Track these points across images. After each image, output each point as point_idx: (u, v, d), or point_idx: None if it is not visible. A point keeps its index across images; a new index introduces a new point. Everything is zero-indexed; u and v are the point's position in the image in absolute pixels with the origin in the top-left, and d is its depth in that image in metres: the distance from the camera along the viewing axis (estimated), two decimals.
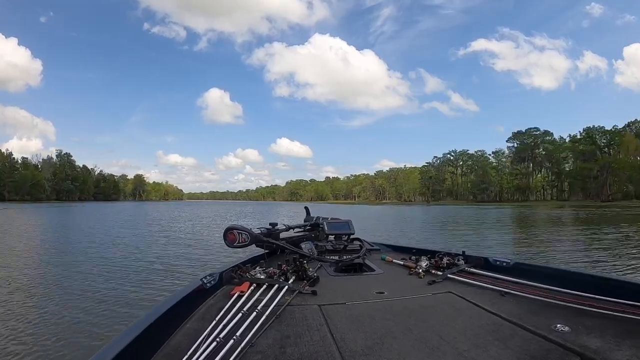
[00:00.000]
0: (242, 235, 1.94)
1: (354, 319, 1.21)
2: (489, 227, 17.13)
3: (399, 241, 4.04)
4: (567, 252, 8.35)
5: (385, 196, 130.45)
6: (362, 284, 1.72)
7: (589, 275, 1.57)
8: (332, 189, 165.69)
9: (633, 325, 1.08)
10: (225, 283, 1.58)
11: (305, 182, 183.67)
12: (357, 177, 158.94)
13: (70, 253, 8.44)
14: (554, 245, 9.68)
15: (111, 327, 3.41)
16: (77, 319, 3.64)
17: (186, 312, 1.25)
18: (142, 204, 74.72)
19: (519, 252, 8.87)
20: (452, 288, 1.56)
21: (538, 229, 15.56)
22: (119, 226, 16.95)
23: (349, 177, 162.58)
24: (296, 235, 2.51)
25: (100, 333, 3.29)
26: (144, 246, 9.54)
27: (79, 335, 3.24)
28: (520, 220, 22.14)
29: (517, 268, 1.75)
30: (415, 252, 2.15)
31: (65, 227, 16.97)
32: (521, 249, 9.56)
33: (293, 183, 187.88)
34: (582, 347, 0.95)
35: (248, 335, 1.03)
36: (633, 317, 1.11)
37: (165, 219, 22.74)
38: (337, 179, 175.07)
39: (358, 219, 9.03)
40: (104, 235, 12.66)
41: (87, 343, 3.06)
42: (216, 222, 19.94)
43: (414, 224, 19.90)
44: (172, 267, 6.59)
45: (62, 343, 3.07)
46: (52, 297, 4.51)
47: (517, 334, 1.07)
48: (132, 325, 1.01)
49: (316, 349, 0.99)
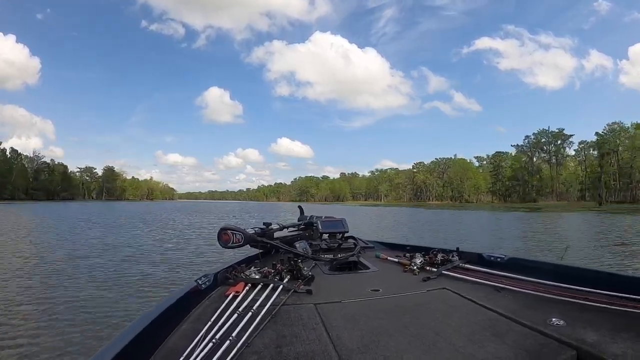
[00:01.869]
0: (236, 235, 1.94)
1: (349, 317, 1.21)
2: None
3: (393, 239, 3.60)
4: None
5: (427, 196, 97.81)
6: (357, 282, 1.72)
7: (584, 269, 1.59)
8: (350, 187, 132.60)
9: (628, 318, 1.09)
10: (220, 284, 1.57)
11: (317, 179, 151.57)
12: (384, 172, 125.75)
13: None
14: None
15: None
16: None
17: (182, 314, 1.23)
18: (86, 206, 50.72)
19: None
20: (447, 284, 1.56)
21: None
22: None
23: (374, 172, 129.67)
24: (290, 235, 2.50)
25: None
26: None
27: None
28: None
29: (511, 263, 1.76)
30: (409, 249, 2.17)
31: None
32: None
33: (302, 180, 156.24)
34: (578, 341, 0.95)
35: (244, 336, 1.02)
36: (628, 310, 1.12)
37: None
38: (355, 175, 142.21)
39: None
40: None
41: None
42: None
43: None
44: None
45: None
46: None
47: (512, 329, 1.07)
48: (127, 328, 0.99)
49: (312, 348, 0.98)
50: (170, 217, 23.48)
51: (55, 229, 14.17)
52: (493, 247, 12.34)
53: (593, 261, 7.28)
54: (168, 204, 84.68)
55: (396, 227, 18.03)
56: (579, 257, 7.24)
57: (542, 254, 8.42)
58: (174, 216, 24.32)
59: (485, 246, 11.46)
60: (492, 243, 11.22)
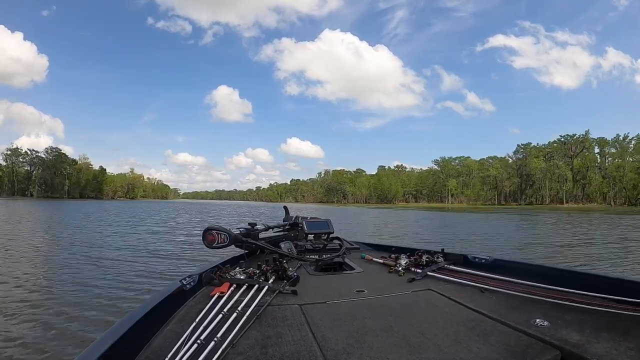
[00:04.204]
0: (222, 235, 1.90)
1: (334, 318, 1.20)
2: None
3: (378, 239, 3.35)
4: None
5: (539, 195, 59.67)
6: (342, 282, 1.70)
7: (567, 270, 1.59)
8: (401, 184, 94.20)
9: (611, 318, 1.11)
10: (205, 284, 1.53)
11: (351, 173, 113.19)
12: (449, 161, 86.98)
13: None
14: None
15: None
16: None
17: (166, 315, 1.21)
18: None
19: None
20: (432, 285, 1.56)
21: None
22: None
23: (438, 160, 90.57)
24: (275, 235, 2.47)
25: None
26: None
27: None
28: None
29: (495, 265, 1.76)
30: (394, 250, 2.18)
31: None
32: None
33: (333, 174, 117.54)
34: (562, 341, 0.96)
35: (229, 336, 1.00)
36: (611, 310, 1.14)
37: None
38: (402, 168, 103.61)
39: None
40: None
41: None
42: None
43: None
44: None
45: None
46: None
47: (497, 329, 1.08)
48: (110, 329, 0.97)
49: (298, 348, 0.97)
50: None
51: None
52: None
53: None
54: (132, 205, 51.65)
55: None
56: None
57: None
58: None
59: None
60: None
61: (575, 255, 8.26)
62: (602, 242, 10.84)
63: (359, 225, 18.26)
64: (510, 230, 15.83)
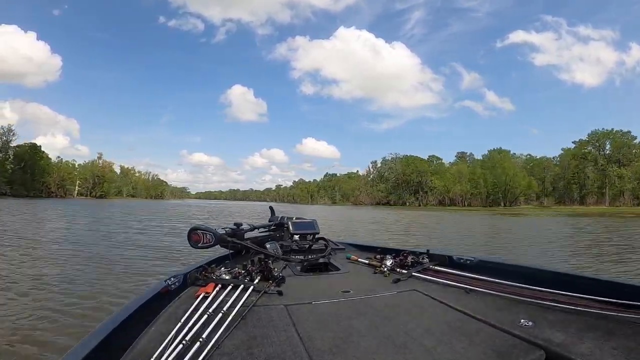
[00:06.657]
0: (207, 235, 1.89)
1: (320, 319, 1.20)
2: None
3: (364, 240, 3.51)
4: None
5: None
6: (328, 283, 1.71)
7: (551, 271, 1.59)
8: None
9: (595, 318, 1.12)
10: (190, 284, 1.52)
11: (425, 161, 78.44)
12: (606, 134, 50.82)
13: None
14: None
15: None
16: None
17: (151, 315, 1.19)
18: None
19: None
20: (417, 286, 1.57)
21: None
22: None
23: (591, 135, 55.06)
24: (261, 235, 2.46)
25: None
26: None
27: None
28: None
29: (480, 265, 1.77)
30: (380, 250, 2.15)
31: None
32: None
33: (406, 161, 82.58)
34: (546, 341, 0.97)
35: (214, 337, 1.00)
36: (594, 311, 1.15)
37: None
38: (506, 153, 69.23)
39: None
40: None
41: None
42: None
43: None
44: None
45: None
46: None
47: (482, 330, 1.09)
48: (94, 330, 0.96)
49: (283, 349, 0.97)
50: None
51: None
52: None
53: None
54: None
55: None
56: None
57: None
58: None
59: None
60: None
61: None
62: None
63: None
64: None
